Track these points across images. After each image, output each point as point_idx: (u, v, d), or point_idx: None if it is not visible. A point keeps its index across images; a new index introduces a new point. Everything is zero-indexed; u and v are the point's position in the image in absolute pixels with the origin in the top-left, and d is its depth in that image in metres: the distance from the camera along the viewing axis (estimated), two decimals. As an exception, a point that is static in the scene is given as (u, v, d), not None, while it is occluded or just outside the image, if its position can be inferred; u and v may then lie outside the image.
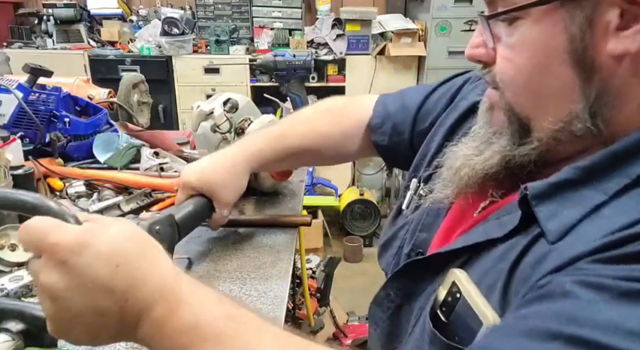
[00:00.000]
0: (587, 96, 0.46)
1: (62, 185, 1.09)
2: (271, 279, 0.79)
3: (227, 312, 0.43)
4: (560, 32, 0.45)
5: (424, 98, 0.80)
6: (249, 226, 0.97)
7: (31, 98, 1.24)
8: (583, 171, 0.46)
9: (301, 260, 1.54)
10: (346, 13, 3.26)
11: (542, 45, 0.46)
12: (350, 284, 2.71)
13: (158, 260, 0.44)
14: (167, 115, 3.34)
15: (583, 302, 0.36)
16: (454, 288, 0.50)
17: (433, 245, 0.62)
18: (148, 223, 0.67)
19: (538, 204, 0.46)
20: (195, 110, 1.05)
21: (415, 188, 0.71)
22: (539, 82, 0.48)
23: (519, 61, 0.48)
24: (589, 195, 0.44)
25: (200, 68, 3.24)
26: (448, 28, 3.19)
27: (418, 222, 0.66)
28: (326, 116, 0.90)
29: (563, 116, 0.47)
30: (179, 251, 0.85)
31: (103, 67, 3.21)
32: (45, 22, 3.35)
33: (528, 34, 0.47)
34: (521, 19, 0.47)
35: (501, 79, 0.51)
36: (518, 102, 0.50)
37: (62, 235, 0.40)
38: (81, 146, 1.29)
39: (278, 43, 3.35)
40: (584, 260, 0.39)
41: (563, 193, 0.46)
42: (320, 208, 3.05)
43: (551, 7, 0.45)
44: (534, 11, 0.46)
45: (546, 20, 0.45)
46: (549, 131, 0.49)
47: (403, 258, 0.66)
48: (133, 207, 1.01)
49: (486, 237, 0.50)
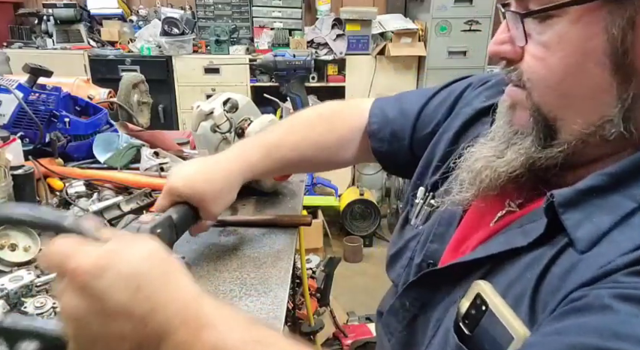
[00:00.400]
0: (622, 100, 0.44)
1: (62, 185, 1.09)
2: (271, 279, 0.79)
3: (253, 334, 0.42)
4: (599, 33, 0.43)
5: (423, 103, 0.79)
6: (249, 226, 0.97)
7: (31, 98, 1.24)
8: (611, 177, 0.44)
9: (301, 260, 1.53)
10: (346, 13, 3.26)
11: (579, 45, 0.44)
12: (350, 284, 2.71)
13: (178, 281, 0.43)
14: (167, 115, 3.35)
15: (623, 316, 0.35)
16: (478, 300, 0.48)
17: (445, 255, 0.61)
18: (149, 226, 0.66)
19: (565, 212, 0.45)
20: (195, 110, 1.05)
21: (423, 197, 0.70)
22: (572, 83, 0.46)
23: (552, 61, 0.46)
24: (618, 202, 0.43)
25: (200, 68, 3.24)
26: (448, 28, 3.19)
27: (429, 233, 0.64)
28: (321, 122, 0.88)
29: (595, 119, 0.45)
30: (177, 251, 0.85)
31: (103, 67, 3.22)
32: (45, 22, 3.35)
33: (564, 33, 0.45)
34: (557, 16, 0.45)
35: (529, 79, 0.49)
36: (547, 102, 0.48)
37: (83, 259, 0.40)
38: (81, 146, 1.29)
39: (278, 43, 3.35)
40: (620, 273, 0.38)
41: (590, 200, 0.45)
42: (320, 208, 3.05)
43: (592, 7, 0.43)
44: (572, 10, 0.44)
45: (585, 19, 0.43)
46: (578, 134, 0.47)
47: (414, 269, 0.64)
48: (133, 207, 1.01)
49: (509, 246, 0.49)
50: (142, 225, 0.66)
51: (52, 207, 1.01)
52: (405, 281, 0.66)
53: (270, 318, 0.69)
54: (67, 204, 1.03)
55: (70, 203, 1.02)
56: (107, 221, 0.96)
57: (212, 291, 0.75)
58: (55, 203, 1.03)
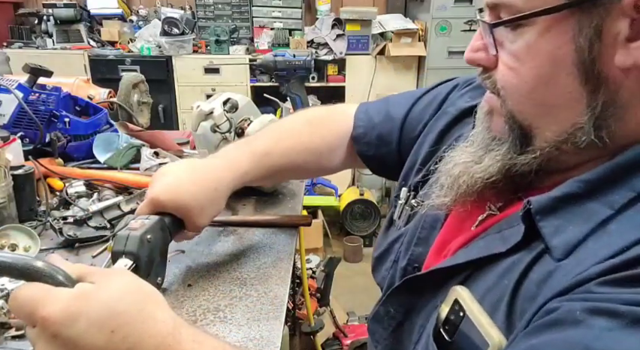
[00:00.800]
0: (592, 108, 0.44)
1: (62, 185, 1.09)
2: (271, 279, 0.79)
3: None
4: (567, 42, 0.43)
5: (410, 106, 0.79)
6: (249, 226, 0.97)
7: (31, 98, 1.24)
8: (586, 184, 0.44)
9: (301, 260, 1.53)
10: (346, 13, 3.26)
11: (548, 55, 0.44)
12: (350, 284, 2.71)
13: (155, 316, 0.42)
14: (167, 115, 3.35)
15: (596, 331, 0.35)
16: (456, 306, 0.48)
17: (429, 259, 0.61)
18: (139, 234, 0.65)
19: (542, 219, 0.45)
20: (195, 109, 1.05)
21: (405, 198, 0.69)
22: (544, 93, 0.46)
23: (523, 71, 0.46)
24: (594, 209, 0.43)
25: (200, 68, 3.24)
26: (448, 28, 3.19)
27: (412, 235, 0.64)
28: (309, 128, 0.86)
29: (567, 126, 0.46)
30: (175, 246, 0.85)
31: (103, 67, 3.22)
32: (45, 22, 3.35)
33: (533, 43, 0.45)
34: (526, 26, 0.45)
35: (503, 87, 0.49)
36: (521, 111, 0.49)
37: (52, 306, 0.39)
38: (81, 146, 1.29)
39: (278, 43, 3.36)
40: (593, 283, 0.38)
41: (567, 207, 0.44)
42: (320, 208, 3.05)
43: (559, 16, 0.43)
44: (541, 20, 0.44)
45: (553, 29, 0.44)
46: (552, 141, 0.47)
47: (400, 273, 0.64)
48: (133, 207, 1.01)
49: (488, 252, 0.49)
50: (131, 232, 0.65)
51: (54, 204, 1.01)
52: (390, 284, 0.65)
53: (270, 318, 0.69)
54: (67, 204, 1.03)
55: (70, 203, 1.02)
56: (107, 221, 0.96)
57: (213, 291, 0.75)
58: (55, 203, 1.03)
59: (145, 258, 0.65)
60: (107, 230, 0.93)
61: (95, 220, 0.95)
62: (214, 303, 0.72)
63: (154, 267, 0.69)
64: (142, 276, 0.65)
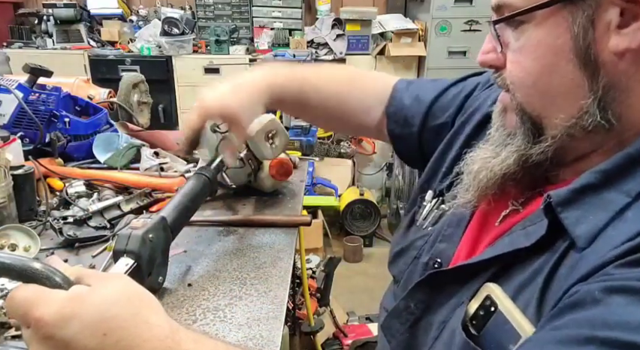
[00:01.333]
0: (594, 91, 0.47)
1: (62, 185, 1.09)
2: (271, 279, 0.79)
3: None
4: (563, 32, 0.47)
5: (437, 94, 0.80)
6: (249, 226, 0.97)
7: (31, 98, 1.24)
8: (602, 175, 0.46)
9: (301, 260, 1.53)
10: (346, 13, 3.26)
11: (548, 46, 0.48)
12: (350, 284, 2.71)
13: (149, 320, 0.42)
14: (167, 115, 3.34)
15: (613, 307, 0.37)
16: (487, 301, 0.49)
17: (458, 256, 0.61)
18: (141, 233, 0.66)
19: (563, 211, 0.47)
20: (195, 109, 1.05)
21: (434, 202, 0.71)
22: (548, 82, 0.49)
23: (527, 63, 0.50)
24: (612, 198, 0.45)
25: (200, 68, 3.24)
26: (448, 28, 3.19)
27: (438, 234, 0.66)
28: (348, 77, 0.89)
29: (574, 111, 0.48)
30: (177, 249, 0.85)
31: (103, 67, 3.21)
32: (45, 22, 3.35)
33: (534, 37, 0.48)
34: (526, 23, 0.48)
35: (511, 82, 0.52)
36: (529, 102, 0.51)
37: (45, 308, 0.40)
38: (81, 146, 1.29)
39: (278, 43, 3.35)
40: (610, 266, 0.40)
41: (585, 198, 0.46)
42: (320, 208, 3.05)
43: (554, 10, 0.46)
44: (538, 14, 0.47)
45: (549, 22, 0.47)
46: (562, 128, 0.50)
47: (421, 267, 0.65)
48: (133, 207, 1.01)
49: (513, 247, 0.50)
50: (133, 231, 0.66)
51: (54, 204, 1.01)
52: (407, 278, 0.67)
53: (270, 318, 0.69)
54: (67, 204, 1.03)
55: (70, 203, 1.02)
56: (107, 221, 0.96)
57: (213, 290, 0.75)
58: (55, 203, 1.03)
59: (146, 257, 0.66)
60: (106, 230, 0.93)
61: (95, 220, 0.95)
62: (214, 302, 0.72)
63: (155, 267, 0.69)
64: (143, 275, 0.65)
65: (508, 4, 0.50)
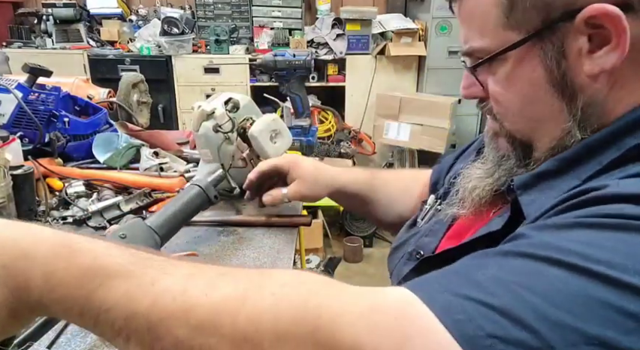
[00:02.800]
0: (574, 114, 0.50)
1: (62, 185, 1.08)
2: (271, 280, 0.78)
3: (134, 253, 0.40)
4: (537, 66, 0.49)
5: (457, 155, 0.83)
6: (249, 226, 0.96)
7: (30, 97, 1.24)
8: (562, 162, 0.50)
9: (301, 260, 1.53)
10: (346, 13, 3.26)
11: (525, 79, 0.51)
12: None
13: (30, 225, 0.40)
14: (166, 115, 3.34)
15: (529, 237, 0.41)
16: None
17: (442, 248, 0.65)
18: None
19: (522, 193, 0.51)
20: (196, 110, 1.04)
21: (432, 204, 0.75)
22: (531, 111, 0.52)
23: (508, 96, 0.53)
24: (566, 181, 0.48)
25: (200, 68, 3.24)
26: (449, 28, 3.19)
27: (426, 229, 0.70)
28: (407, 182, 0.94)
29: (557, 134, 0.51)
30: (177, 249, 0.85)
31: (102, 67, 3.21)
32: (44, 22, 3.35)
33: (511, 73, 0.51)
34: (502, 60, 0.51)
35: (497, 112, 0.56)
36: (517, 129, 0.55)
37: None
38: (81, 146, 1.29)
39: (278, 42, 3.35)
40: (542, 217, 0.44)
41: (544, 182, 0.50)
42: (320, 208, 3.05)
43: (525, 48, 0.49)
44: (511, 54, 0.50)
45: (524, 58, 0.50)
46: (547, 149, 0.53)
47: (405, 257, 0.69)
48: (132, 207, 1.01)
49: (487, 231, 0.53)
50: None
51: (53, 204, 1.00)
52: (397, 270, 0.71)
53: (270, 319, 0.69)
54: (66, 204, 1.02)
55: (69, 203, 1.01)
56: (106, 221, 0.95)
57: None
58: (55, 203, 1.02)
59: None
60: (106, 230, 0.93)
61: (95, 220, 0.95)
62: (214, 303, 0.72)
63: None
64: None
65: (478, 50, 0.53)
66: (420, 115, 3.10)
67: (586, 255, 0.35)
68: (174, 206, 0.79)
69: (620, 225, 0.37)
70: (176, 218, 0.78)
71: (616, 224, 0.37)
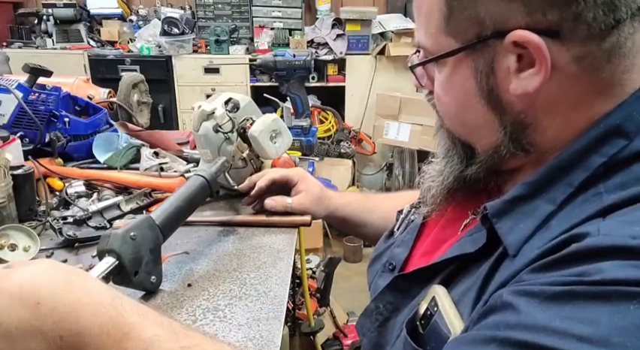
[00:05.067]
0: (504, 128, 0.50)
1: (62, 185, 1.08)
2: (271, 279, 0.78)
3: (183, 343, 0.42)
4: (469, 77, 0.50)
5: None
6: (248, 226, 0.97)
7: (30, 97, 1.24)
8: (530, 186, 0.49)
9: (301, 260, 1.53)
10: (346, 13, 3.26)
11: (460, 86, 0.52)
12: (350, 284, 2.71)
13: (86, 285, 0.42)
14: (167, 115, 3.34)
15: (516, 309, 0.39)
16: (432, 302, 0.53)
17: (412, 258, 0.65)
18: (121, 232, 0.66)
19: (497, 221, 0.50)
20: (197, 110, 1.04)
21: (406, 213, 0.75)
22: (465, 116, 0.53)
23: (446, 99, 0.54)
24: (539, 206, 0.48)
25: (200, 68, 3.24)
26: (448, 28, 3.18)
27: (398, 240, 0.70)
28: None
29: (491, 142, 0.52)
30: (177, 249, 0.85)
31: (103, 67, 3.21)
32: (45, 22, 3.35)
33: (449, 77, 0.52)
34: (444, 63, 0.52)
35: (438, 110, 0.58)
36: (454, 130, 0.56)
37: None
38: (81, 146, 1.29)
39: (278, 43, 3.35)
40: (524, 272, 0.43)
41: (517, 208, 0.49)
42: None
43: (460, 57, 0.50)
44: (449, 60, 0.51)
45: (459, 66, 0.51)
46: (485, 154, 0.54)
47: (380, 269, 0.69)
48: (133, 207, 1.01)
49: (460, 252, 0.53)
50: (113, 231, 0.66)
51: (54, 204, 1.01)
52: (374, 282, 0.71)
53: (270, 318, 0.69)
54: (67, 204, 1.02)
55: (70, 203, 1.02)
56: (106, 221, 0.95)
57: (212, 290, 0.75)
58: (55, 203, 1.03)
59: (129, 256, 0.65)
60: (106, 230, 0.93)
61: (95, 220, 0.95)
62: (214, 302, 0.72)
63: (143, 265, 0.68)
64: (128, 274, 0.65)
65: (423, 47, 0.54)
66: (420, 115, 3.10)
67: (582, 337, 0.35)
68: (179, 201, 0.79)
69: (604, 294, 0.36)
70: (181, 212, 0.79)
71: (601, 293, 0.36)
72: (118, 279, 0.66)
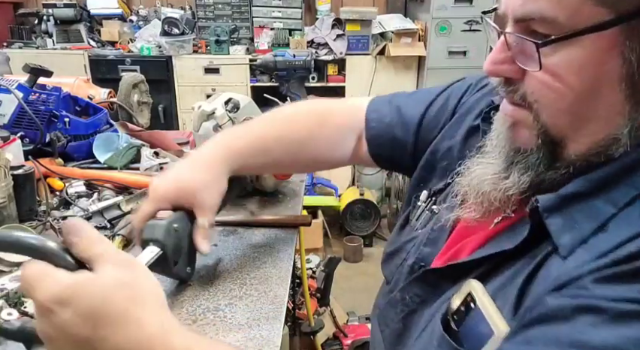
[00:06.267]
0: (632, 119, 0.44)
1: (62, 185, 1.09)
2: (271, 279, 0.79)
3: None
4: (614, 57, 0.42)
5: (424, 110, 0.77)
6: (249, 226, 0.97)
7: (31, 98, 1.24)
8: (592, 183, 0.45)
9: (301, 260, 1.53)
10: (346, 13, 3.26)
11: (592, 70, 0.43)
12: (350, 284, 2.71)
13: (141, 317, 0.42)
14: (167, 115, 3.34)
15: (581, 326, 0.37)
16: (468, 298, 0.50)
17: (437, 258, 0.62)
18: (166, 223, 0.67)
19: (549, 217, 0.46)
20: (197, 110, 1.05)
21: (427, 202, 0.70)
22: (585, 106, 0.45)
23: (563, 85, 0.44)
24: (599, 207, 0.44)
25: (200, 68, 3.24)
26: (448, 28, 3.19)
27: (424, 237, 0.66)
28: (309, 117, 0.83)
29: (600, 138, 0.45)
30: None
31: (103, 67, 3.21)
32: (45, 22, 3.35)
33: (575, 59, 0.43)
34: (567, 41, 0.43)
35: (537, 100, 0.47)
36: (557, 124, 0.47)
37: (44, 290, 0.41)
38: (81, 146, 1.29)
39: (278, 43, 3.35)
40: (584, 280, 0.40)
41: (573, 205, 0.45)
42: (320, 208, 3.05)
43: (609, 32, 0.41)
44: (590, 36, 0.42)
45: (598, 45, 0.42)
46: (582, 155, 0.47)
47: (407, 269, 0.66)
48: (133, 207, 1.01)
49: (499, 249, 0.50)
50: (158, 221, 0.68)
51: (54, 204, 1.01)
52: (396, 279, 0.68)
53: (270, 318, 0.69)
54: (67, 204, 1.03)
55: (70, 203, 1.02)
56: (107, 221, 0.96)
57: (213, 290, 0.75)
58: (56, 203, 1.03)
59: (172, 246, 0.67)
60: (107, 230, 0.93)
61: (95, 220, 0.95)
62: (214, 302, 0.72)
63: (182, 256, 0.70)
64: (169, 263, 0.67)
65: (546, 19, 0.43)
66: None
67: None
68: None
69: None
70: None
71: None
72: (158, 268, 0.67)
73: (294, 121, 0.82)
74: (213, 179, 0.72)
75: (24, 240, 0.44)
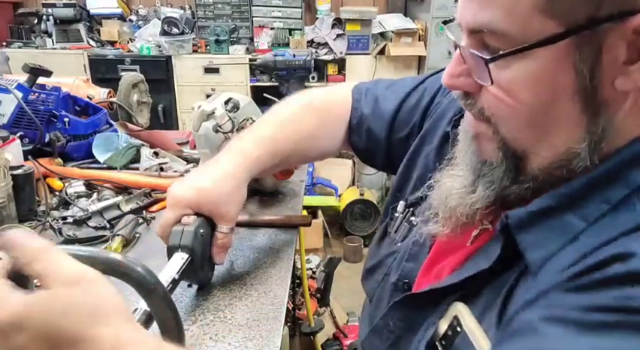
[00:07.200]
0: (591, 132, 0.43)
1: (62, 185, 1.08)
2: (271, 279, 0.78)
3: None
4: (567, 69, 0.41)
5: (398, 104, 0.79)
6: (249, 226, 0.96)
7: (30, 97, 1.24)
8: (562, 198, 0.44)
9: (301, 260, 1.53)
10: (346, 13, 3.26)
11: (547, 83, 0.42)
12: (350, 284, 2.71)
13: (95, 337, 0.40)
14: (167, 115, 3.34)
15: (552, 339, 0.37)
16: (454, 322, 0.50)
17: (420, 276, 0.62)
18: (193, 228, 0.67)
19: (519, 233, 0.45)
20: (196, 110, 1.04)
21: (404, 213, 0.70)
22: (541, 120, 0.44)
23: (518, 100, 0.44)
24: (570, 222, 0.43)
25: (200, 68, 3.24)
26: (448, 28, 3.18)
27: (405, 252, 0.65)
28: (310, 113, 0.85)
29: (562, 151, 0.44)
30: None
31: (102, 67, 3.21)
32: (44, 22, 3.35)
33: (528, 72, 0.42)
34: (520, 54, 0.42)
35: (494, 114, 0.47)
36: (516, 137, 0.47)
37: (2, 309, 0.38)
38: (81, 145, 1.29)
39: (278, 42, 3.35)
40: (555, 290, 0.40)
41: (544, 220, 0.45)
42: (320, 208, 3.05)
43: (561, 45, 0.40)
44: (541, 49, 0.41)
45: (552, 57, 0.41)
46: (544, 168, 0.46)
47: (390, 287, 0.65)
48: (132, 207, 1.01)
49: (476, 270, 0.49)
50: (185, 227, 0.67)
51: (53, 204, 1.01)
52: (379, 296, 0.67)
53: (270, 318, 0.69)
54: (66, 204, 1.02)
55: (69, 203, 1.01)
56: (106, 221, 0.95)
57: (212, 291, 0.75)
58: (55, 203, 1.02)
59: (199, 252, 0.67)
60: (106, 230, 0.93)
61: (95, 220, 0.95)
62: (214, 302, 0.72)
63: (207, 261, 0.71)
64: (197, 269, 0.68)
65: (499, 33, 0.42)
66: (420, 115, 3.10)
67: None
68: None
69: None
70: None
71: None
72: (183, 274, 0.66)
73: (298, 121, 0.84)
74: (234, 189, 0.72)
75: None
